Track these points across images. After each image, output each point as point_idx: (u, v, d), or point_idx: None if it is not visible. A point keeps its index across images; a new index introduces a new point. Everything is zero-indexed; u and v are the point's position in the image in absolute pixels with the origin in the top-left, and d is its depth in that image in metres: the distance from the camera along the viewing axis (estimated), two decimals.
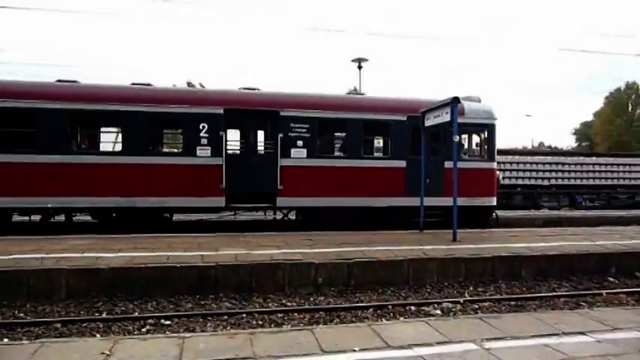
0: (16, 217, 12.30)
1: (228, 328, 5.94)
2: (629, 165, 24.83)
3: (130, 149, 11.86)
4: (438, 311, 6.99)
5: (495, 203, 14.24)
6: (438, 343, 4.06)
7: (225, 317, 6.42)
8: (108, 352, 3.90)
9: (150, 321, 6.18)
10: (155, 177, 11.87)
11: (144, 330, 5.84)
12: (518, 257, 8.82)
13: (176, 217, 13.45)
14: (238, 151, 12.89)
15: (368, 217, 12.80)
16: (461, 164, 12.49)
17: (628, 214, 19.50)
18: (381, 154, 13.99)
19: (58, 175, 11.38)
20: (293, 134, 12.58)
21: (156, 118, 12.20)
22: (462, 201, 12.24)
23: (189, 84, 13.45)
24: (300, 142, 12.60)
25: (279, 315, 6.57)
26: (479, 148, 14.59)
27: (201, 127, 12.05)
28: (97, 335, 5.51)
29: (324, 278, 7.91)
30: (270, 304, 7.11)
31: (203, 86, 13.41)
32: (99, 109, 11.80)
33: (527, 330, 4.46)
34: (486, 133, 14.12)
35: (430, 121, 11.11)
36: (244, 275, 7.60)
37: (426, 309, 7.07)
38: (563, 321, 4.76)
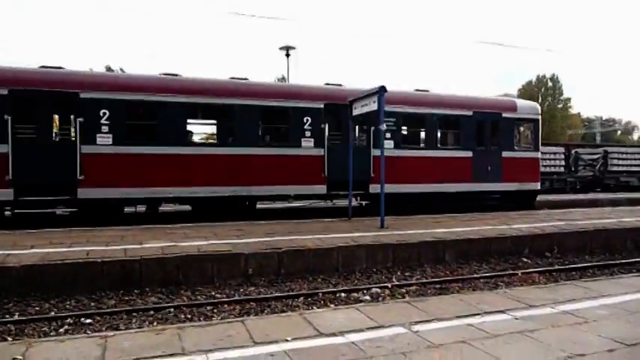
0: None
1: (155, 323, 5.71)
2: (541, 153, 26.52)
3: (245, 141, 12.58)
4: (368, 297, 7.13)
5: (540, 187, 16.48)
6: (369, 329, 4.12)
7: (152, 312, 6.18)
8: (21, 357, 3.60)
9: (68, 320, 5.80)
10: (269, 167, 12.67)
11: (61, 331, 5.47)
12: (442, 242, 9.18)
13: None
14: (336, 143, 13.49)
15: (441, 201, 14.28)
16: (514, 154, 15.57)
17: (540, 199, 20.87)
18: (452, 145, 15.24)
19: (180, 165, 11.79)
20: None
21: (267, 111, 12.93)
22: (514, 186, 15.41)
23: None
24: (387, 135, 13.32)
25: (209, 308, 6.41)
26: (522, 139, 16.58)
27: (305, 121, 12.97)
28: (9, 339, 5.10)
29: (255, 268, 7.81)
30: (198, 297, 6.92)
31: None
32: (217, 102, 12.48)
33: (451, 311, 4.64)
34: (533, 126, 16.38)
35: (358, 110, 11.24)
36: (171, 268, 7.33)
37: (356, 295, 7.19)
38: (484, 301, 5.00)
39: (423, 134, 14.97)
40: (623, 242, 10.82)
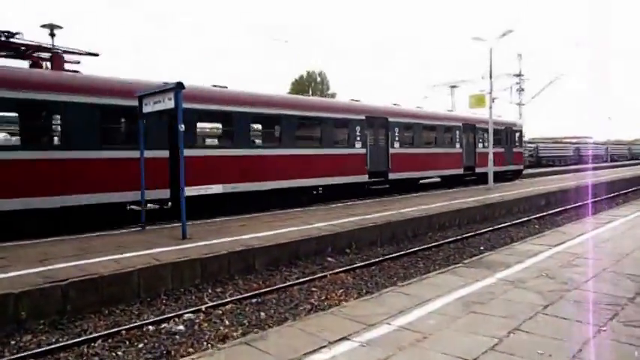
0: None
1: None
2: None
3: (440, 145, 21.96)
4: (181, 326, 6.25)
5: (523, 167, 30.22)
6: None
7: None
8: None
9: None
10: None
11: None
12: (251, 250, 8.71)
13: None
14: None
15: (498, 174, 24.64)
16: (515, 149, 27.81)
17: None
18: (501, 145, 26.28)
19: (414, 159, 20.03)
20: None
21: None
22: (516, 167, 27.92)
23: None
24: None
25: None
26: (516, 140, 28.40)
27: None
28: None
29: (30, 310, 6.14)
30: None
31: None
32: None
33: (297, 347, 4.17)
34: (520, 134, 29.09)
35: (149, 107, 9.94)
36: None
37: (167, 326, 6.25)
38: (324, 326, 4.68)
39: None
40: (404, 232, 12.01)
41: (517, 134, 28.41)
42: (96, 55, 12.59)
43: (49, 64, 12.19)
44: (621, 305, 5.20)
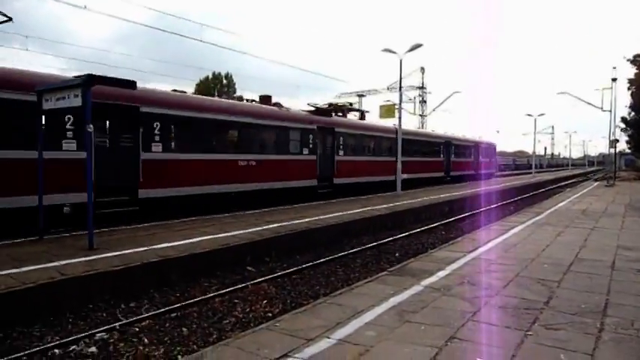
0: None
1: None
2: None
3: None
4: (93, 348, 5.66)
5: (496, 171, 43.82)
6: None
7: None
8: None
9: None
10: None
11: None
12: (167, 260, 8.15)
13: None
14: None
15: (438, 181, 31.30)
16: (494, 159, 43.36)
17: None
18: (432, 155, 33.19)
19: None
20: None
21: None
22: (494, 171, 42.49)
23: None
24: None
25: None
26: (494, 154, 42.27)
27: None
28: None
29: None
30: None
31: None
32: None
33: None
34: (494, 150, 41.00)
35: (51, 102, 9.00)
36: None
37: (77, 348, 5.64)
38: (263, 344, 4.43)
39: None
40: (321, 240, 11.98)
41: (495, 150, 41.13)
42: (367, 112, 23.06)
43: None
44: (539, 309, 5.51)
